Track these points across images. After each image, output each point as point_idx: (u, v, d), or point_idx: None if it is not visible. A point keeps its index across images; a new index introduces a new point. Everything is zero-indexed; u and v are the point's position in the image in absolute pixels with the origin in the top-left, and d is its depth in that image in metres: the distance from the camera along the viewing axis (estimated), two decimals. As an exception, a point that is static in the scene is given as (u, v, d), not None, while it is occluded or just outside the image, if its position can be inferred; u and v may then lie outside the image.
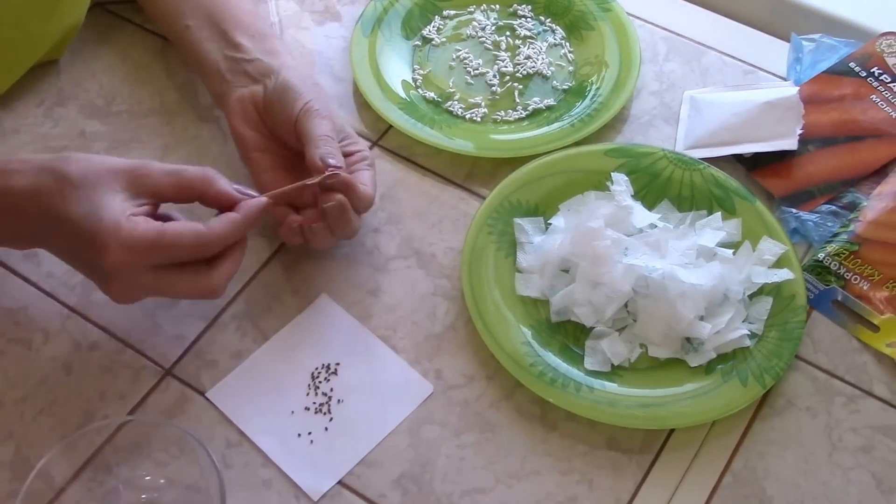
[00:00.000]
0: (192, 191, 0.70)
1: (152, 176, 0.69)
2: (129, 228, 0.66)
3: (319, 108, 0.76)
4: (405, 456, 0.71)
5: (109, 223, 0.66)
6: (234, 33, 0.82)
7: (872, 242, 0.79)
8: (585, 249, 0.76)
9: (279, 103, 0.77)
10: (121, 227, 0.66)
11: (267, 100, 0.78)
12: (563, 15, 0.96)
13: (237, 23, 0.83)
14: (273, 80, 0.78)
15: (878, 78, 0.89)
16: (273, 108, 0.78)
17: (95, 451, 0.68)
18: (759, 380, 0.72)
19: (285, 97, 0.77)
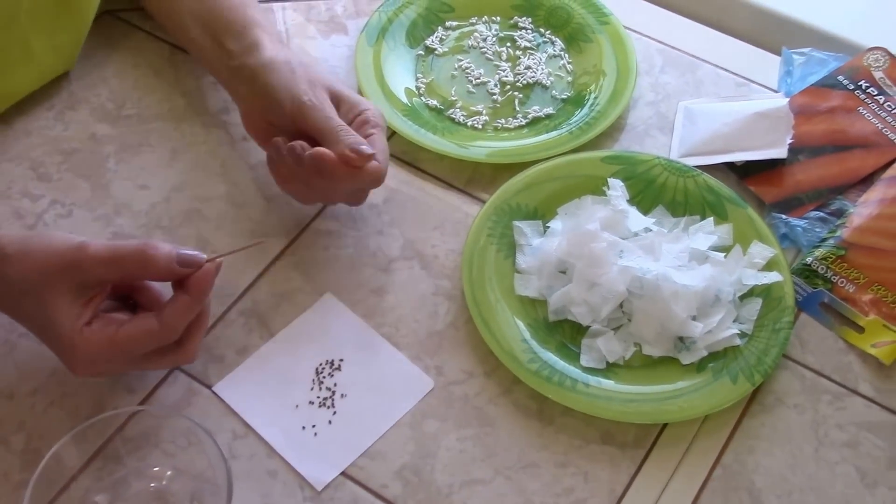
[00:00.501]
0: (133, 275, 0.69)
1: (90, 270, 0.67)
2: (84, 345, 0.66)
3: (308, 100, 0.76)
4: (406, 448, 0.73)
5: (66, 340, 0.66)
6: (224, 38, 0.82)
7: (858, 247, 0.82)
8: (582, 251, 0.78)
9: (270, 108, 0.78)
10: (75, 344, 0.66)
11: (260, 106, 0.79)
12: (563, 27, 0.99)
13: (225, 24, 0.83)
14: (258, 86, 0.78)
15: (866, 91, 0.92)
16: (268, 113, 0.79)
17: (106, 441, 0.70)
18: (749, 377, 0.75)
19: (272, 101, 0.77)
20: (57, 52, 0.89)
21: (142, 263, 0.67)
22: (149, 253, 0.67)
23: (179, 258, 0.67)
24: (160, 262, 0.67)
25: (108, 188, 0.85)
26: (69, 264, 0.66)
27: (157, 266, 0.67)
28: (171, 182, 0.86)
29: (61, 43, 0.89)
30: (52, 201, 0.84)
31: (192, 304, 0.68)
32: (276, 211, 0.84)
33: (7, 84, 0.87)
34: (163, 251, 0.67)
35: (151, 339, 0.67)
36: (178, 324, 0.68)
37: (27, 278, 0.66)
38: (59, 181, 0.85)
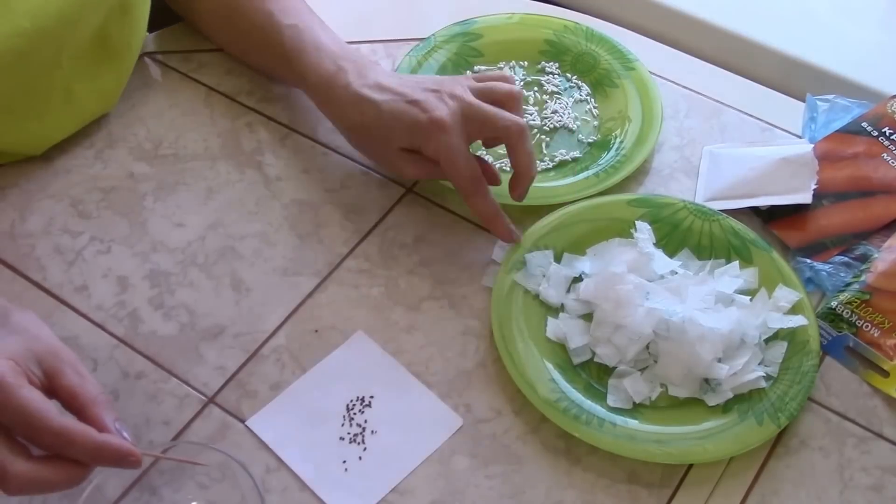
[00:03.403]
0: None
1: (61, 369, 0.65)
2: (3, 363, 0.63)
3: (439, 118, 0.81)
4: (436, 485, 0.74)
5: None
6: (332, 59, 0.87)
7: (883, 292, 0.83)
8: (608, 293, 0.80)
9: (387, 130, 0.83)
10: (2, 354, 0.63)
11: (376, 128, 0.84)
12: (589, 73, 1.01)
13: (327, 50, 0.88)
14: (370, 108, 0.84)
15: (889, 137, 0.93)
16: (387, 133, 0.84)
17: (142, 473, 0.72)
18: (774, 419, 0.75)
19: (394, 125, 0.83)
20: (98, 95, 0.91)
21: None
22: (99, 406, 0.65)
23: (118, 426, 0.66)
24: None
25: (145, 225, 0.87)
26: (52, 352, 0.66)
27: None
28: (207, 220, 0.88)
29: (102, 87, 0.91)
30: (91, 238, 0.86)
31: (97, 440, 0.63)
32: (308, 249, 0.86)
33: (48, 127, 0.89)
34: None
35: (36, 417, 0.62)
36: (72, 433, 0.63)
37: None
38: (98, 218, 0.88)
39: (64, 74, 0.87)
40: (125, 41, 0.91)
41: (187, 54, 1.00)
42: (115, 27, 0.89)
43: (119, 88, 0.93)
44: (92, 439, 0.63)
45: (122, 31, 0.90)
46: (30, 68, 0.82)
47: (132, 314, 0.82)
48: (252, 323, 0.82)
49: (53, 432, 0.62)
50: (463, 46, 1.01)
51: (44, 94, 0.86)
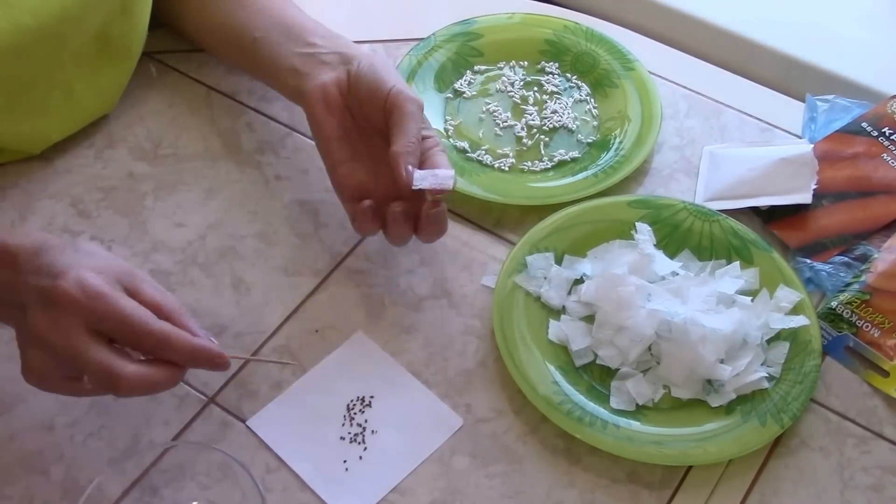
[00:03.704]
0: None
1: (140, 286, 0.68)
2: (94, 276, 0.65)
3: (409, 93, 0.79)
4: (436, 485, 0.74)
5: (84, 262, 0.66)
6: (306, 35, 0.86)
7: (883, 292, 0.83)
8: (610, 295, 0.80)
9: (366, 84, 0.80)
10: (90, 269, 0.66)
11: (352, 82, 0.81)
12: (589, 73, 1.01)
13: (305, 28, 0.87)
14: (357, 64, 0.82)
15: (889, 137, 0.93)
16: (359, 90, 0.81)
17: (142, 473, 0.72)
18: (778, 420, 0.75)
19: (373, 78, 0.80)
20: (98, 95, 0.91)
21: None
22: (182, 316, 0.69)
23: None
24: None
25: (145, 225, 0.87)
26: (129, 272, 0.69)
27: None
28: (207, 220, 0.88)
29: (103, 87, 0.91)
30: (91, 237, 0.86)
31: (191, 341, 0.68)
32: (308, 249, 0.86)
33: (48, 125, 0.89)
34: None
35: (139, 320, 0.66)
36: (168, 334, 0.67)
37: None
38: (98, 218, 0.87)
39: (65, 73, 0.87)
40: (126, 41, 0.91)
41: (187, 54, 0.99)
42: (117, 27, 0.89)
43: (120, 89, 0.93)
44: (189, 341, 0.67)
45: (124, 31, 0.90)
46: (30, 65, 0.82)
47: (132, 314, 0.82)
48: (252, 323, 0.82)
49: (154, 336, 0.66)
50: (463, 46, 1.01)
51: (44, 91, 0.86)
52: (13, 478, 0.73)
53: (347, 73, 0.82)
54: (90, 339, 0.65)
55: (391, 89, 0.79)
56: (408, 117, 0.78)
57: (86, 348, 0.65)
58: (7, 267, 0.68)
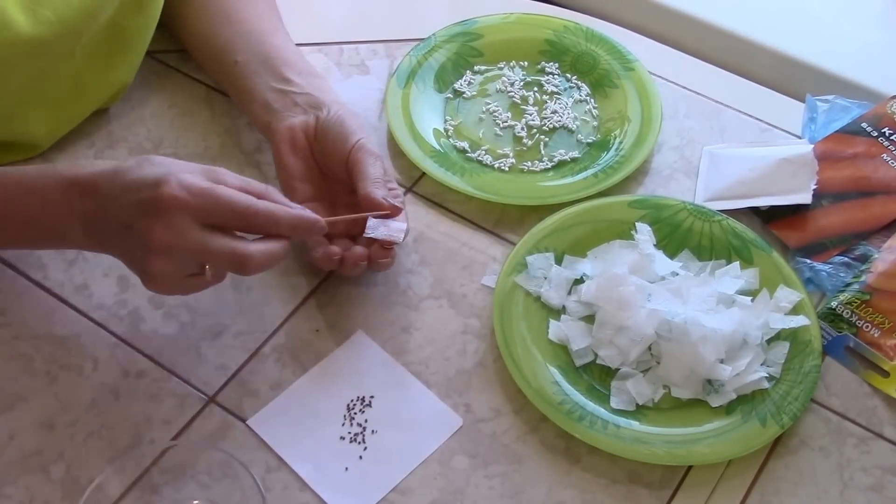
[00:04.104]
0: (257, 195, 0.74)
1: (225, 177, 0.72)
2: (189, 175, 0.70)
3: (372, 148, 0.81)
4: (436, 485, 0.74)
5: (172, 169, 0.70)
6: (283, 69, 0.87)
7: (883, 292, 0.83)
8: (610, 295, 0.80)
9: (332, 135, 0.82)
10: (182, 172, 0.70)
11: (319, 130, 0.83)
12: (589, 73, 1.01)
13: (285, 61, 0.88)
14: (326, 112, 0.83)
15: (889, 138, 0.93)
16: (325, 139, 0.83)
17: (143, 472, 0.72)
18: (778, 420, 0.76)
19: (339, 130, 0.82)
20: (107, 86, 0.92)
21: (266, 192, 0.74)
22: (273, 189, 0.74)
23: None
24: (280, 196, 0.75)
25: (145, 225, 0.87)
26: (209, 168, 0.72)
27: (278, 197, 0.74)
28: (208, 219, 0.88)
29: (112, 79, 0.92)
30: (91, 237, 0.86)
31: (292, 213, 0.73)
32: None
33: (58, 118, 0.89)
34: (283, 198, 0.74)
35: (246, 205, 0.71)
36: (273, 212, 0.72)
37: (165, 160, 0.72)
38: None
39: (77, 65, 0.87)
40: (138, 35, 0.91)
41: (187, 54, 0.99)
42: (130, 20, 0.89)
43: (128, 80, 0.94)
44: (290, 213, 0.73)
45: (137, 25, 0.90)
46: (48, 58, 0.83)
47: (133, 313, 0.82)
48: (253, 322, 0.82)
49: (261, 215, 0.71)
50: (463, 46, 1.01)
51: (55, 83, 0.86)
52: (13, 477, 0.73)
53: (316, 119, 0.84)
54: (208, 232, 0.70)
55: (356, 143, 0.81)
56: (370, 167, 0.80)
57: (209, 240, 0.69)
58: (88, 196, 0.72)
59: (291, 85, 0.86)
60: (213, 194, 0.70)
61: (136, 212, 0.70)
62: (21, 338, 0.80)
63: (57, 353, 0.79)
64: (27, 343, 0.80)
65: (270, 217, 0.71)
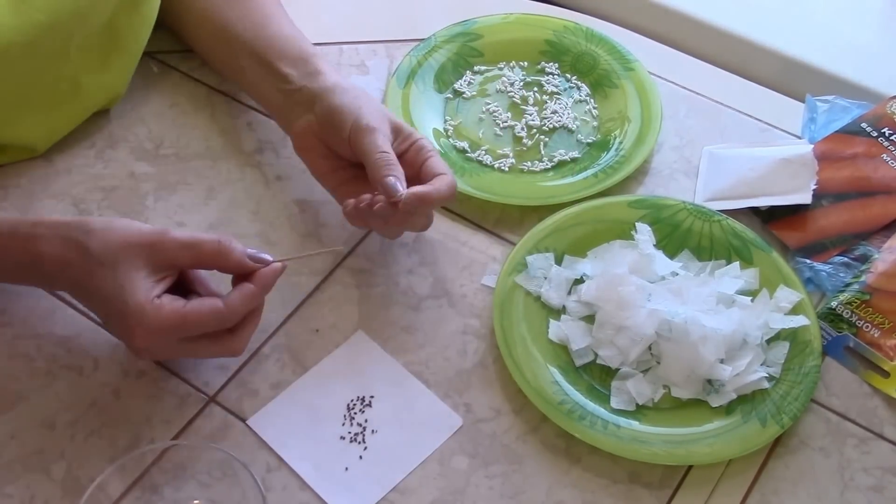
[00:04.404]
0: (208, 263, 0.73)
1: (169, 251, 0.72)
2: (154, 313, 0.69)
3: (367, 123, 0.80)
4: (436, 484, 0.74)
5: (135, 308, 0.69)
6: (279, 64, 0.86)
7: (883, 292, 0.83)
8: (611, 294, 0.80)
9: (329, 128, 0.82)
10: (146, 312, 0.69)
11: (319, 126, 0.83)
12: (589, 73, 1.01)
13: (279, 52, 0.87)
14: (319, 106, 0.83)
15: (889, 138, 0.93)
16: (326, 133, 0.82)
17: (143, 472, 0.72)
18: (778, 420, 0.76)
19: (332, 122, 0.81)
20: (104, 88, 0.92)
21: (217, 253, 0.72)
22: (225, 245, 0.72)
23: (251, 255, 0.73)
24: (234, 254, 0.73)
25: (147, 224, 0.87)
26: (150, 243, 0.71)
27: (231, 258, 0.73)
28: (208, 220, 0.88)
29: (109, 80, 0.92)
30: (92, 237, 0.86)
31: (255, 294, 0.73)
32: (308, 249, 0.86)
33: (55, 119, 0.89)
34: (237, 246, 0.73)
35: (215, 318, 0.71)
36: (241, 309, 0.72)
37: (108, 250, 0.71)
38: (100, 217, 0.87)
39: (72, 66, 0.87)
40: (133, 35, 0.91)
41: (188, 53, 0.99)
42: (125, 20, 0.89)
43: (124, 82, 0.93)
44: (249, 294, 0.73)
45: (132, 25, 0.90)
46: (40, 60, 0.83)
47: (133, 313, 0.82)
48: (253, 322, 0.82)
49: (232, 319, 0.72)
50: (463, 46, 1.01)
51: (52, 85, 0.86)
52: (14, 476, 0.73)
53: (315, 116, 0.83)
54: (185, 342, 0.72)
55: (349, 131, 0.80)
56: (369, 151, 0.79)
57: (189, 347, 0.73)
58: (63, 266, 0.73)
59: (289, 83, 0.85)
60: (184, 326, 0.71)
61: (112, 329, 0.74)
62: (22, 337, 0.80)
63: (58, 353, 0.79)
64: (28, 343, 0.80)
65: (240, 307, 0.72)
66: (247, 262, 0.73)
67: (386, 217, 0.78)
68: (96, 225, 0.72)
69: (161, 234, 0.72)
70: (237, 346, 0.74)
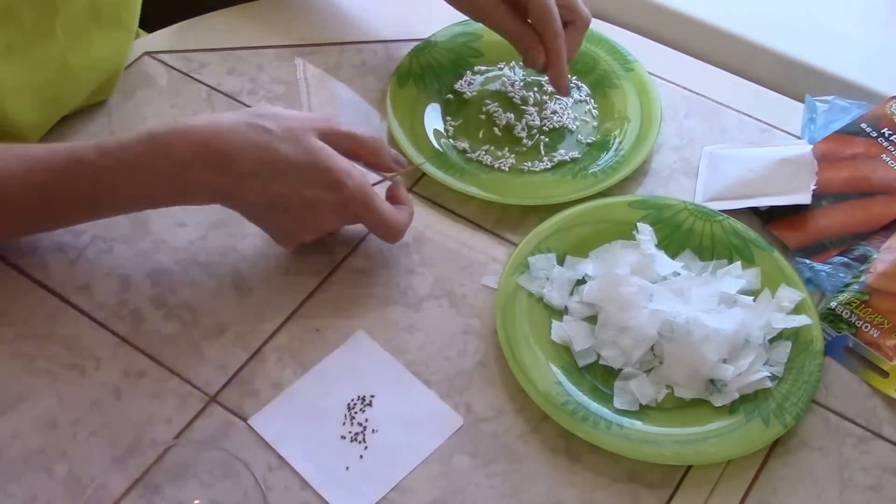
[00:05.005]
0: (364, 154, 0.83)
1: (338, 135, 0.80)
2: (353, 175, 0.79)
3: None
4: (437, 483, 0.74)
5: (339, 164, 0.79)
6: None
7: (882, 293, 0.83)
8: (613, 295, 0.80)
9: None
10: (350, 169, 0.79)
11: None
12: (588, 74, 1.01)
13: None
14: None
15: (889, 138, 0.94)
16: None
17: (145, 472, 0.72)
18: (780, 419, 0.76)
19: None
20: (94, 69, 0.91)
21: (375, 148, 0.83)
22: (381, 142, 0.84)
23: (396, 157, 0.86)
24: (386, 151, 0.85)
25: (147, 225, 0.87)
26: (321, 126, 0.80)
27: (384, 154, 0.84)
28: (208, 219, 0.88)
29: (97, 59, 0.91)
30: (93, 237, 0.86)
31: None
32: (309, 248, 0.86)
33: (43, 106, 0.89)
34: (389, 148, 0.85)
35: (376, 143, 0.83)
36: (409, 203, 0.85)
37: (288, 129, 0.78)
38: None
39: (59, 45, 0.86)
40: (116, 10, 0.91)
41: (188, 54, 1.00)
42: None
43: (116, 68, 0.93)
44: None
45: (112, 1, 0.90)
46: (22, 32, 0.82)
47: (134, 313, 0.82)
48: (253, 322, 0.82)
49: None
50: (463, 46, 1.01)
51: (40, 67, 0.86)
52: (16, 476, 0.73)
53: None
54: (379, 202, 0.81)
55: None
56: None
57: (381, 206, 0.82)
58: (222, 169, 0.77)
59: None
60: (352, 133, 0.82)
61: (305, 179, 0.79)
62: (23, 337, 0.80)
63: (59, 353, 0.79)
64: (29, 343, 0.80)
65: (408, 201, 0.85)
66: (391, 163, 0.85)
67: None
68: (265, 110, 0.79)
69: (328, 120, 0.81)
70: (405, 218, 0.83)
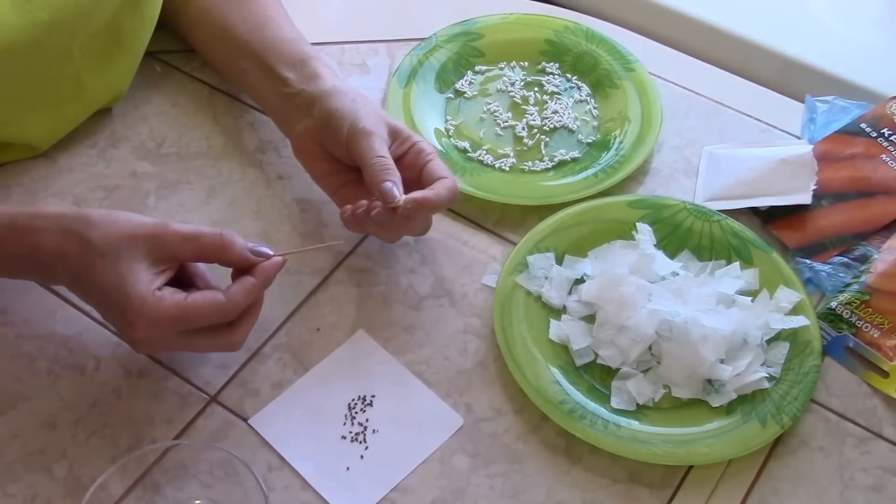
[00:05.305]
0: (210, 256, 0.73)
1: (171, 243, 0.72)
2: (154, 305, 0.69)
3: (364, 126, 0.79)
4: (437, 483, 0.74)
5: (136, 300, 0.69)
6: (279, 68, 0.86)
7: (882, 293, 0.83)
8: (611, 294, 0.80)
9: (327, 132, 0.82)
10: (146, 303, 0.69)
11: (317, 130, 0.83)
12: (589, 73, 1.01)
13: (279, 55, 0.87)
14: (317, 110, 0.82)
15: (888, 138, 0.94)
16: (324, 137, 0.82)
17: (145, 472, 0.72)
18: (778, 420, 0.76)
19: (329, 126, 0.81)
20: (107, 87, 0.92)
21: (219, 246, 0.72)
22: (226, 238, 0.73)
23: (252, 249, 0.74)
24: (236, 248, 0.73)
25: (147, 224, 0.87)
26: (152, 235, 0.71)
27: (233, 251, 0.73)
28: (210, 219, 0.88)
29: (111, 80, 0.92)
30: (93, 236, 0.86)
31: (256, 287, 0.73)
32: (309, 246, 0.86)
33: (57, 119, 0.90)
34: (239, 240, 0.73)
35: (215, 311, 0.71)
36: (241, 302, 0.72)
37: (109, 242, 0.70)
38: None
39: (75, 65, 0.87)
40: (136, 34, 0.92)
41: (189, 53, 1.00)
42: (127, 20, 0.89)
43: (127, 81, 0.94)
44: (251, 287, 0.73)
45: (134, 25, 0.90)
46: (43, 58, 0.83)
47: (134, 313, 0.82)
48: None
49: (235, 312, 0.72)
50: (464, 46, 1.01)
51: (54, 84, 0.87)
52: (16, 476, 0.73)
53: (313, 120, 0.83)
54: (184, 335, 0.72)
55: (346, 134, 0.80)
56: (366, 156, 0.78)
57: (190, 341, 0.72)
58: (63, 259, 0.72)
59: (287, 86, 0.85)
60: (185, 319, 0.70)
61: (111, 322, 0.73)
62: (23, 337, 0.80)
63: (59, 353, 0.79)
64: (30, 342, 0.80)
65: (241, 300, 0.72)
66: (248, 255, 0.73)
67: (383, 222, 0.78)
68: (97, 217, 0.72)
69: (162, 226, 0.72)
70: (237, 339, 0.74)
